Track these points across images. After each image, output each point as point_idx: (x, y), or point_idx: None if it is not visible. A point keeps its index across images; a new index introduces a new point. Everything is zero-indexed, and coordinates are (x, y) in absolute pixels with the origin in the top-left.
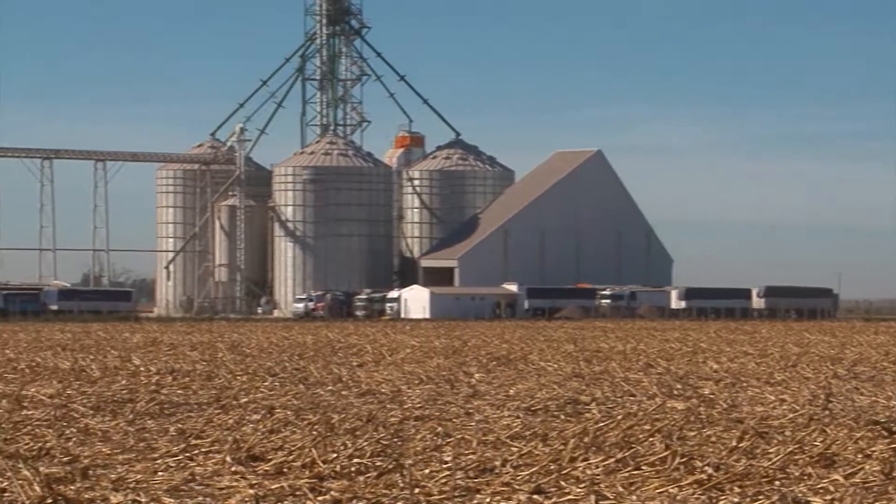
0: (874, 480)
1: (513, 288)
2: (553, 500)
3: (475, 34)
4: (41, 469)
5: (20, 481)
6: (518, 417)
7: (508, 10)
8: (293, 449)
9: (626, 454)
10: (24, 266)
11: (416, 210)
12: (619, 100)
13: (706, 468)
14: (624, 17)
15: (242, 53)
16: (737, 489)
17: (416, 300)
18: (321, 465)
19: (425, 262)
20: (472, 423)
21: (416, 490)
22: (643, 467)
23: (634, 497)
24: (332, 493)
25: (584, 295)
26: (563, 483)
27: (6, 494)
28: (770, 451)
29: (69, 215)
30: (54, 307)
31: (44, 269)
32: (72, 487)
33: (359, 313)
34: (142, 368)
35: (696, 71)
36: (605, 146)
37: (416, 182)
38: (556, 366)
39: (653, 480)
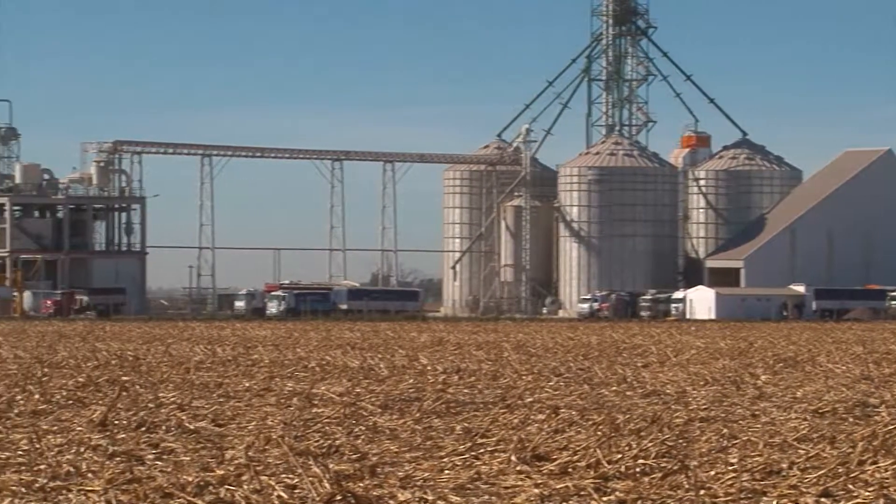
0: None
1: (800, 289)
2: (841, 503)
3: (762, 33)
4: (331, 466)
5: (311, 478)
6: (805, 420)
7: (795, 10)
8: (578, 449)
9: None
10: (315, 266)
11: (701, 210)
12: None
13: None
14: None
15: (529, 55)
16: None
17: (701, 301)
18: (606, 465)
19: (711, 263)
20: (759, 425)
21: (702, 492)
22: None
23: None
24: (617, 493)
25: (874, 296)
26: (851, 486)
27: (297, 491)
28: None
29: (358, 216)
30: (344, 306)
31: (334, 268)
32: (360, 485)
33: (643, 314)
34: (428, 367)
35: None
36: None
37: (702, 182)
38: (844, 368)
39: None
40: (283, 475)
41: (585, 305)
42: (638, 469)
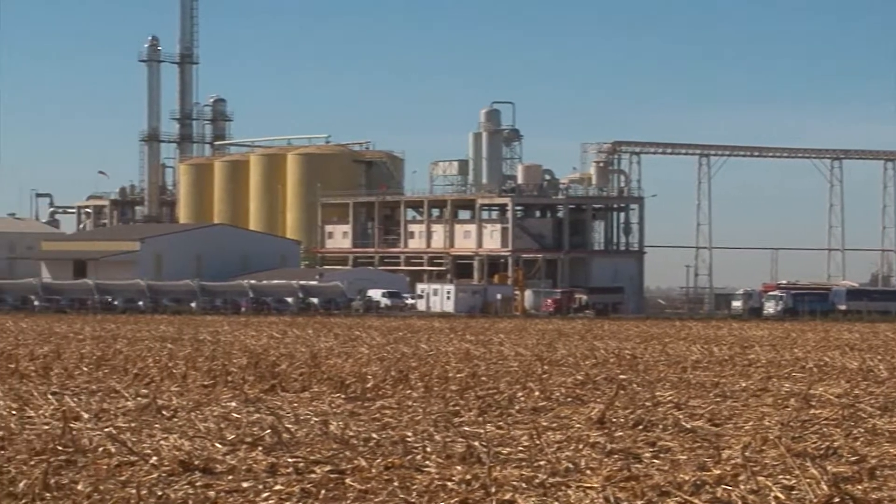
0: None
1: None
2: None
3: None
4: (829, 468)
5: (808, 479)
6: None
7: None
8: None
9: None
10: (813, 265)
11: None
12: None
13: None
14: None
15: None
16: None
17: None
18: None
19: None
20: None
21: None
22: None
23: None
24: None
25: None
26: None
27: (794, 492)
28: None
29: (858, 215)
30: (842, 307)
31: (832, 268)
32: (859, 487)
33: None
34: None
35: None
36: None
37: None
38: None
39: None
40: (780, 476)
41: None
42: None
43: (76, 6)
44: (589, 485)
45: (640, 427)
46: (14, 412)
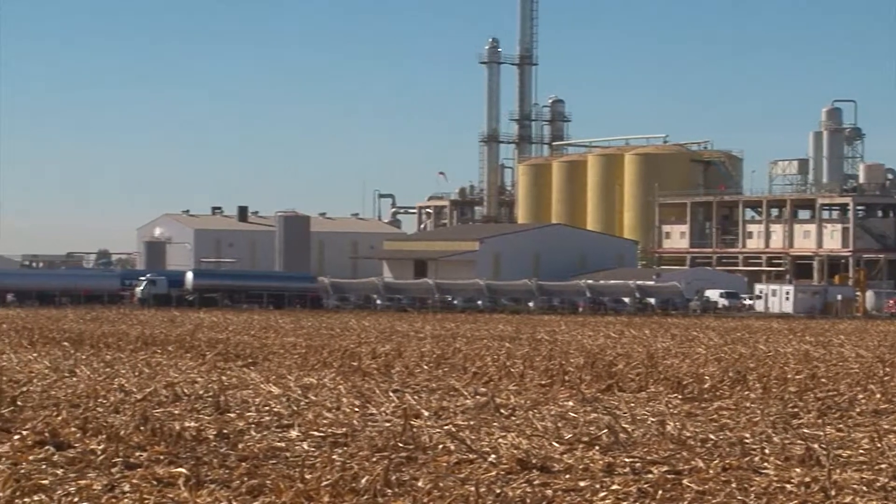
0: None
1: None
2: None
3: None
4: None
5: None
6: None
7: None
8: None
9: None
10: None
11: None
12: None
13: None
14: None
15: None
16: None
17: None
18: None
19: None
20: None
21: None
22: None
23: None
24: None
25: None
26: None
27: None
28: None
29: None
30: None
31: None
32: None
33: None
34: None
35: None
36: None
37: None
38: None
39: None
40: None
41: None
42: None
43: (418, 10)
44: None
45: None
46: (357, 409)
